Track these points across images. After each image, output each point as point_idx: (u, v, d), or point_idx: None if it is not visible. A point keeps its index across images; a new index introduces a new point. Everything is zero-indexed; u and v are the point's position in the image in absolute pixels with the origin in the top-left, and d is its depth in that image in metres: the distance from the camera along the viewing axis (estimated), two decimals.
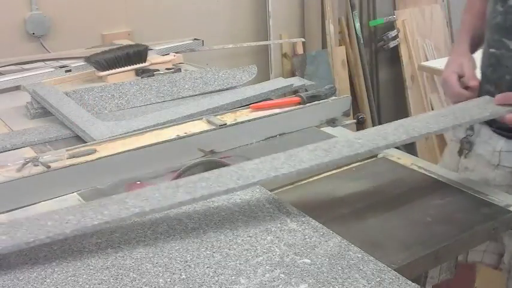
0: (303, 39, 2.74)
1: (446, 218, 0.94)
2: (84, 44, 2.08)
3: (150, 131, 1.24)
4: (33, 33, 2.18)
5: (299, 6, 2.85)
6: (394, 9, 3.09)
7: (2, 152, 1.20)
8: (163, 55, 1.89)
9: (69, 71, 1.75)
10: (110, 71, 1.68)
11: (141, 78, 1.65)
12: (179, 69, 1.75)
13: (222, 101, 1.40)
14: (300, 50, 2.82)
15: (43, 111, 1.42)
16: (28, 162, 1.09)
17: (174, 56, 1.88)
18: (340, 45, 2.93)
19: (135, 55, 1.73)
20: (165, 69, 1.76)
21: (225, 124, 1.26)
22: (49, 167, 1.07)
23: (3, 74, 1.73)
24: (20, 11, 2.15)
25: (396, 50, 3.08)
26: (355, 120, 1.44)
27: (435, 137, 3.07)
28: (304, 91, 1.46)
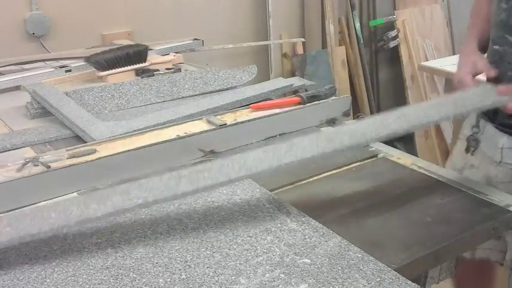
0: (303, 39, 2.74)
1: (446, 218, 0.94)
2: (84, 44, 2.08)
3: (150, 131, 1.24)
4: (33, 33, 2.18)
5: (299, 6, 2.85)
6: (394, 9, 3.08)
7: (2, 152, 1.20)
8: (163, 55, 1.89)
9: (69, 71, 1.75)
10: (110, 71, 1.68)
11: (141, 78, 1.65)
12: (179, 69, 1.75)
13: (222, 101, 1.40)
14: (300, 50, 2.82)
15: (43, 111, 1.42)
16: (28, 162, 1.09)
17: (174, 56, 1.88)
18: (340, 45, 2.93)
19: (135, 55, 1.73)
20: (165, 69, 1.76)
21: (225, 124, 1.26)
22: (49, 167, 1.07)
23: (3, 74, 1.73)
24: (20, 11, 2.15)
25: (396, 50, 3.08)
26: (355, 120, 1.44)
27: (435, 136, 3.07)
28: (304, 91, 1.46)
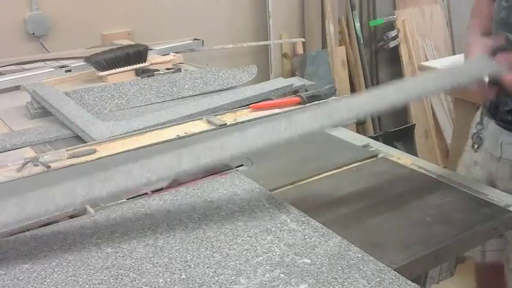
0: (303, 39, 2.74)
1: (446, 218, 0.94)
2: (84, 44, 2.08)
3: (150, 131, 1.24)
4: (33, 33, 2.17)
5: (299, 6, 2.85)
6: (394, 9, 3.08)
7: (2, 152, 1.20)
8: (163, 55, 1.89)
9: (69, 71, 1.76)
10: (110, 71, 1.68)
11: (141, 78, 1.65)
12: (179, 69, 1.75)
13: (222, 101, 1.40)
14: (300, 50, 2.82)
15: (43, 111, 1.42)
16: (28, 162, 1.09)
17: (174, 56, 1.88)
18: (340, 45, 2.93)
19: (135, 55, 1.73)
20: (165, 69, 1.76)
21: (225, 124, 1.26)
22: (49, 167, 1.07)
23: (3, 74, 1.73)
24: (20, 11, 2.15)
25: (396, 50, 3.07)
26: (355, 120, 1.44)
27: (435, 137, 3.07)
28: (304, 91, 1.46)
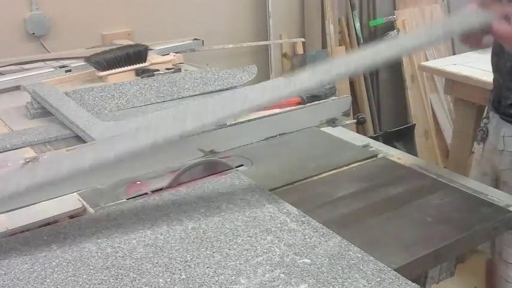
0: (303, 39, 2.73)
1: (446, 218, 0.94)
2: (84, 44, 2.07)
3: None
4: (33, 33, 2.17)
5: (299, 6, 2.85)
6: (394, 9, 3.08)
7: (2, 152, 1.20)
8: (163, 55, 1.88)
9: (69, 71, 1.75)
10: (110, 71, 1.68)
11: (141, 78, 1.65)
12: (179, 69, 1.75)
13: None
14: (300, 50, 2.82)
15: (43, 111, 1.42)
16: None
17: (174, 56, 1.88)
18: (340, 45, 2.93)
19: (135, 55, 1.73)
20: (165, 69, 1.76)
21: (225, 124, 1.26)
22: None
23: (3, 74, 1.73)
24: (20, 11, 2.15)
25: None
26: (355, 120, 1.44)
27: (435, 137, 3.07)
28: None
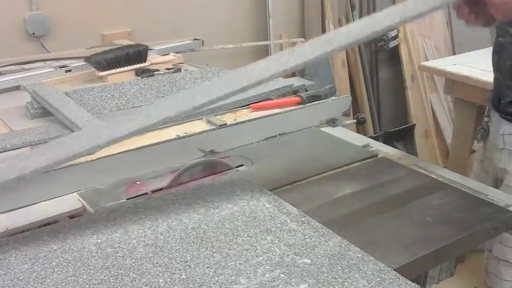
0: (303, 39, 2.73)
1: (446, 218, 0.94)
2: (84, 44, 2.07)
3: (150, 131, 1.24)
4: (33, 33, 2.17)
5: (299, 6, 2.85)
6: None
7: (2, 152, 1.20)
8: (163, 55, 1.88)
9: (69, 71, 1.75)
10: (110, 71, 1.68)
11: (141, 78, 1.65)
12: (179, 69, 1.75)
13: (222, 101, 1.40)
14: None
15: (43, 111, 1.42)
16: None
17: (174, 56, 1.88)
18: None
19: (135, 55, 1.73)
20: (165, 69, 1.76)
21: (225, 124, 1.26)
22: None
23: (3, 74, 1.73)
24: (20, 11, 2.15)
25: (396, 50, 3.07)
26: (355, 120, 1.44)
27: (435, 137, 3.07)
28: (304, 91, 1.46)
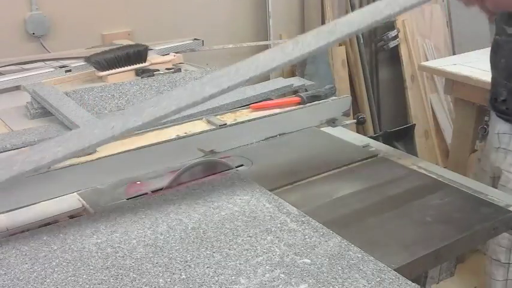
0: None
1: (446, 218, 0.94)
2: (84, 44, 2.07)
3: (150, 131, 1.24)
4: (33, 33, 2.17)
5: (299, 6, 2.85)
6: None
7: (2, 152, 1.20)
8: (163, 55, 1.88)
9: (69, 71, 1.75)
10: (110, 71, 1.68)
11: (141, 78, 1.65)
12: (179, 69, 1.75)
13: (222, 101, 1.40)
14: None
15: (43, 111, 1.42)
16: None
17: (174, 56, 1.88)
18: (340, 45, 2.93)
19: (135, 55, 1.73)
20: (165, 69, 1.76)
21: (225, 124, 1.26)
22: (49, 167, 1.07)
23: (3, 74, 1.73)
24: (20, 11, 2.15)
25: (396, 50, 3.07)
26: (355, 120, 1.44)
27: (435, 137, 3.07)
28: (304, 91, 1.46)
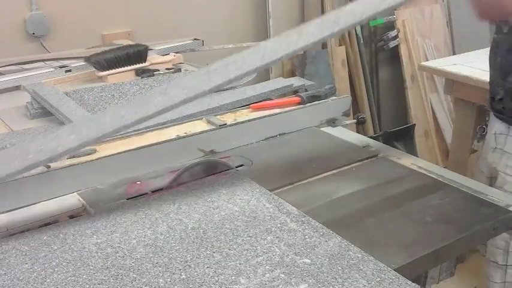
0: None
1: (446, 218, 0.94)
2: (84, 44, 2.07)
3: (150, 131, 1.24)
4: (33, 33, 2.17)
5: (299, 6, 2.85)
6: (394, 9, 3.08)
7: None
8: (163, 55, 1.88)
9: (69, 71, 1.75)
10: (110, 71, 1.68)
11: (141, 78, 1.65)
12: (179, 69, 1.75)
13: (222, 101, 1.40)
14: None
15: (43, 111, 1.42)
16: None
17: (174, 56, 1.88)
18: (340, 45, 2.93)
19: (135, 55, 1.73)
20: (165, 69, 1.76)
21: (225, 124, 1.26)
22: (49, 167, 1.07)
23: (3, 74, 1.73)
24: (20, 11, 2.15)
25: (396, 50, 3.07)
26: (355, 120, 1.44)
27: (435, 137, 3.07)
28: (304, 91, 1.46)
